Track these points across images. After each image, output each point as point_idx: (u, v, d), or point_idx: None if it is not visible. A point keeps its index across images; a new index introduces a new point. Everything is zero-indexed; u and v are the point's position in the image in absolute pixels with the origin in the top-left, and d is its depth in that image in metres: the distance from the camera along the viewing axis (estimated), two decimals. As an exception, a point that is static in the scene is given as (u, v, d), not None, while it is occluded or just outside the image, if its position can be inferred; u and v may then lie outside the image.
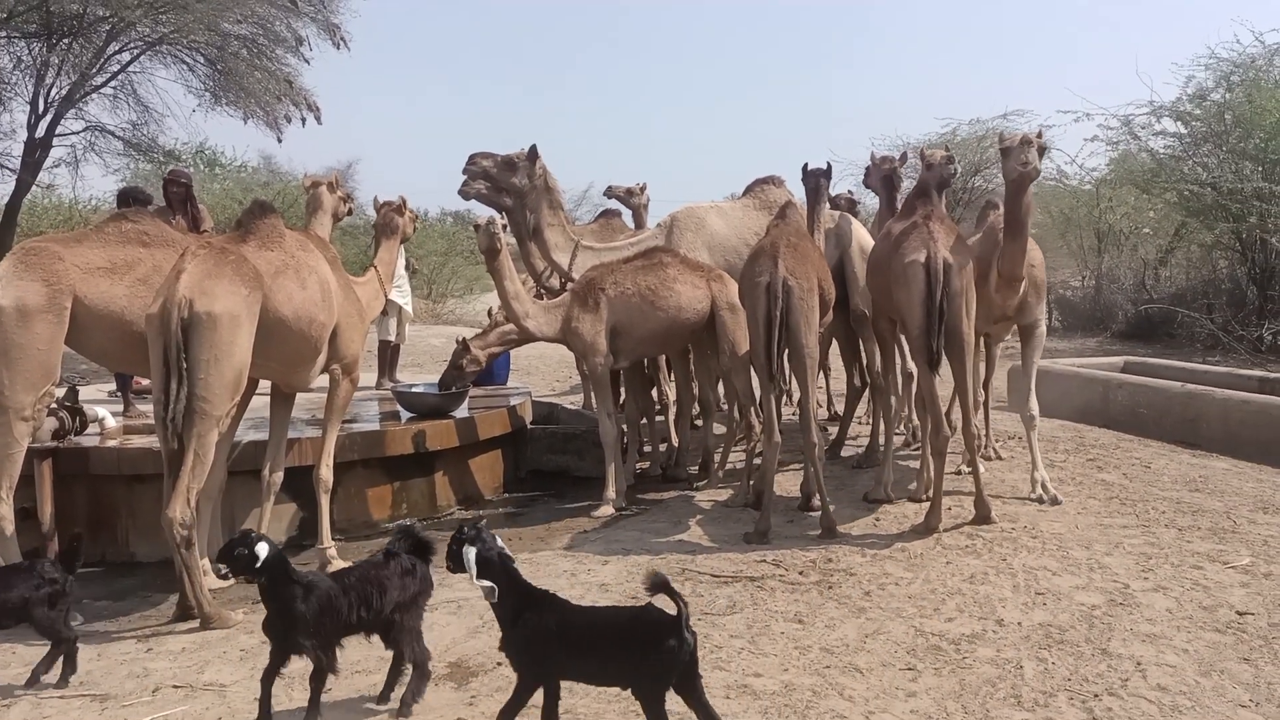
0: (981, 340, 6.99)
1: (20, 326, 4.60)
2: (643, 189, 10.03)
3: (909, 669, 3.85)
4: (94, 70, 13.74)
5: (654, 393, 8.56)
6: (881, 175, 7.59)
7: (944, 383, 6.08)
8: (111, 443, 6.26)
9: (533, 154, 6.97)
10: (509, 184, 6.87)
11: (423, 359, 14.61)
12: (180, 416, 4.50)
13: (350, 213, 6.47)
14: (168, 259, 4.99)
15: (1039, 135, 5.82)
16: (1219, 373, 9.84)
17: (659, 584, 2.89)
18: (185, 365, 4.49)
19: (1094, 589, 4.75)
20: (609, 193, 10.19)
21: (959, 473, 6.89)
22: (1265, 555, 5.23)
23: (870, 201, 13.32)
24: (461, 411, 7.48)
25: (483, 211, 7.02)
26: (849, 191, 10.53)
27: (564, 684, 3.16)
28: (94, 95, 14.29)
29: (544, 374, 14.02)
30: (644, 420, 8.08)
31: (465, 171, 6.94)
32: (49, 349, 4.70)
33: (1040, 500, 6.32)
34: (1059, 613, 4.44)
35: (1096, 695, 3.61)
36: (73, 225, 19.43)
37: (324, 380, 5.69)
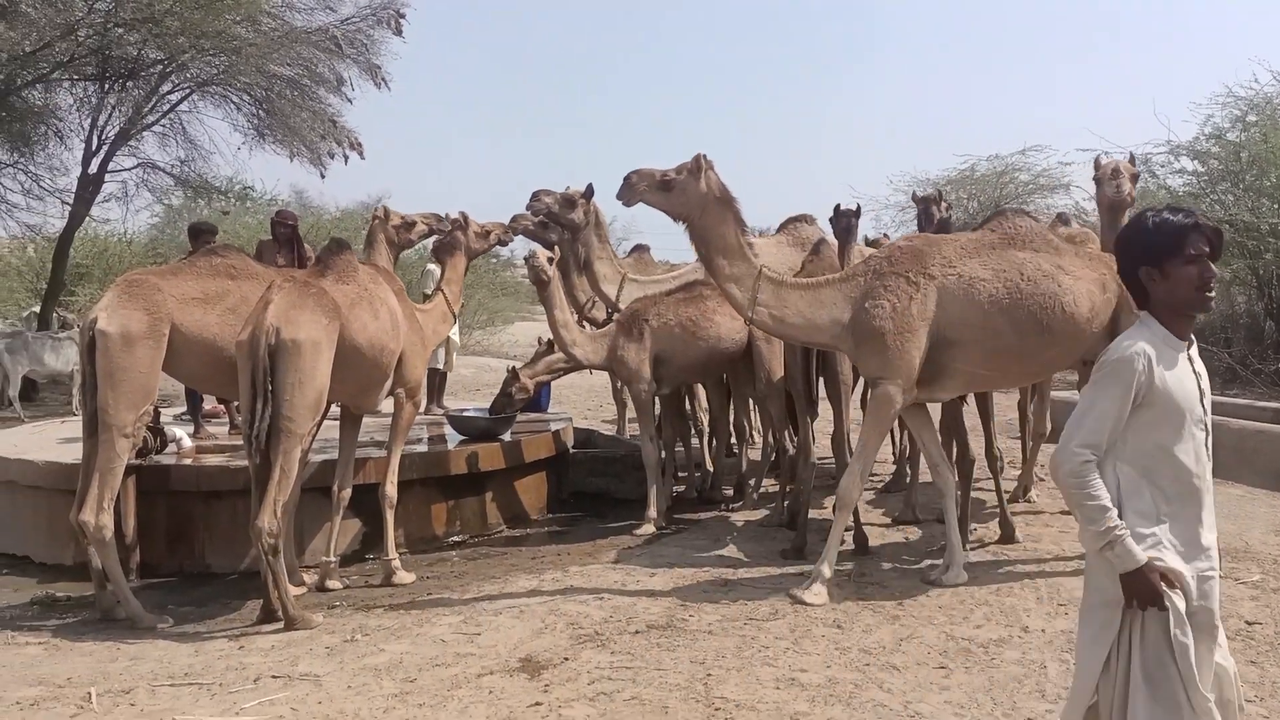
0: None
1: (124, 351, 5.04)
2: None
3: (941, 667, 4.20)
4: (146, 109, 14.38)
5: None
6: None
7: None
8: (188, 461, 6.69)
9: (589, 192, 7.39)
10: (566, 220, 7.28)
11: (454, 388, 14.97)
12: (265, 434, 4.94)
13: (429, 232, 6.76)
14: (254, 290, 5.44)
15: (1131, 162, 6.31)
16: (1237, 404, 10.13)
17: None
18: (271, 388, 4.94)
19: (1113, 601, 5.07)
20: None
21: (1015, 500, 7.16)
22: (1275, 572, 5.55)
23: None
24: (507, 436, 7.87)
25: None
26: (884, 235, 10.97)
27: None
28: (145, 133, 14.92)
29: (574, 402, 14.41)
30: (679, 445, 8.44)
31: (529, 207, 7.35)
32: (149, 372, 5.14)
33: None
34: (1080, 621, 4.77)
35: (1115, 691, 3.95)
36: (106, 257, 20.19)
37: (387, 404, 6.13)
